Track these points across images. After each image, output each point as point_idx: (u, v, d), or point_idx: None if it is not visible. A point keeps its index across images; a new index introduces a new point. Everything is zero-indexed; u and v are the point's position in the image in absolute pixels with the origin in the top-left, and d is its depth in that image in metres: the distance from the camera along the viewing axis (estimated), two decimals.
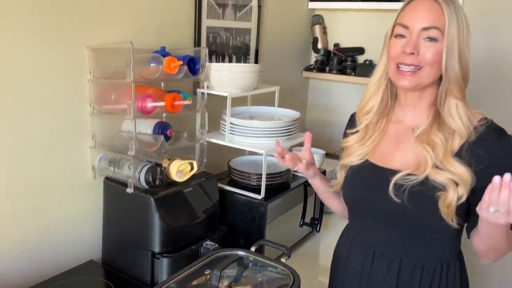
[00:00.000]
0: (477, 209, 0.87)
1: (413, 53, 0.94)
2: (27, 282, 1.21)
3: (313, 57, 2.33)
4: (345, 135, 1.16)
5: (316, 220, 1.67)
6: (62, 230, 1.31)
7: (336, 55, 2.22)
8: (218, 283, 0.96)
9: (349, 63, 2.18)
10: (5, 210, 1.17)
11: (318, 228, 1.66)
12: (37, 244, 1.26)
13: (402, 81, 0.97)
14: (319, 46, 2.27)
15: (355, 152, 1.09)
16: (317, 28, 2.27)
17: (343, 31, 2.26)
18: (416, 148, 0.99)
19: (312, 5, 2.23)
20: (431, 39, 0.94)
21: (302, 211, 1.64)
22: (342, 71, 2.20)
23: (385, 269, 1.05)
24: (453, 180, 0.93)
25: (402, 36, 0.97)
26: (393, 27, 1.00)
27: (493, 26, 1.85)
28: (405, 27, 0.96)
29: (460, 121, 0.96)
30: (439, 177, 0.94)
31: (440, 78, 0.98)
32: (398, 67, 0.97)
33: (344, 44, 2.24)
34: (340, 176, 1.13)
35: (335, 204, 1.24)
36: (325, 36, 2.29)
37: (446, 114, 0.97)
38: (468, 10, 1.89)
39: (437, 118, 0.99)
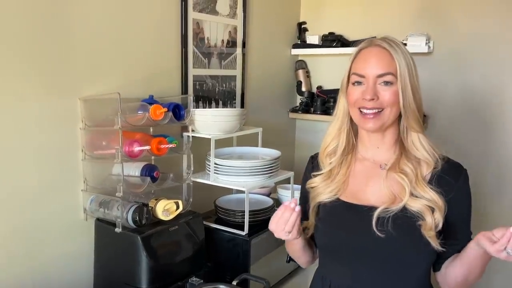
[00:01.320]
0: (494, 250, 0.88)
1: (373, 99, 1.01)
2: None
3: (298, 99, 2.46)
4: (307, 177, 1.17)
5: None
6: (55, 269, 1.37)
7: (319, 97, 2.35)
8: None
9: (331, 103, 2.30)
10: (2, 255, 1.24)
11: None
12: (31, 284, 1.32)
13: (367, 124, 1.03)
14: (303, 89, 2.40)
15: (325, 190, 1.10)
16: (301, 72, 2.41)
17: (325, 74, 2.40)
18: (389, 182, 1.04)
19: (294, 51, 2.39)
20: (387, 83, 1.01)
21: None
22: (325, 112, 2.31)
23: None
24: (429, 206, 0.99)
25: (359, 83, 1.04)
26: (349, 75, 1.07)
27: (462, 64, 1.99)
28: (361, 76, 1.03)
29: (424, 150, 1.04)
30: (416, 205, 1.00)
31: (399, 117, 1.07)
32: (361, 111, 1.04)
33: (326, 86, 2.38)
34: (312, 217, 1.13)
35: (308, 255, 1.20)
36: (309, 79, 2.43)
37: (411, 146, 1.05)
38: (439, 52, 2.05)
39: (403, 151, 1.07)
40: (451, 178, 1.03)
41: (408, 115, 1.04)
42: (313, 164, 1.20)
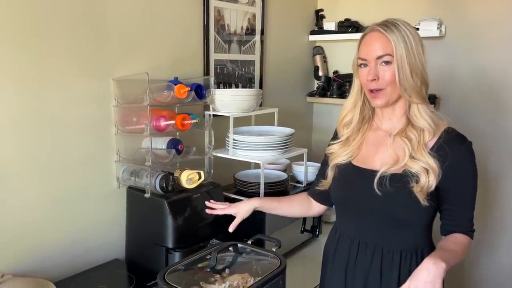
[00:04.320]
0: None
1: (374, 79, 1.15)
2: (63, 274, 1.45)
3: (316, 84, 2.57)
4: (329, 145, 1.36)
5: (315, 227, 1.86)
6: (92, 231, 1.55)
7: (335, 81, 2.45)
8: (215, 263, 1.17)
9: (347, 87, 2.40)
10: (46, 216, 1.43)
11: (317, 234, 1.85)
12: (71, 243, 1.50)
13: (375, 102, 1.19)
14: (320, 73, 2.51)
15: (342, 153, 1.28)
16: (318, 58, 2.52)
17: (341, 59, 2.50)
18: (395, 146, 1.18)
19: (312, 37, 2.50)
20: (387, 62, 1.14)
21: (303, 219, 1.83)
22: (341, 95, 2.42)
23: (370, 256, 1.22)
24: (425, 168, 1.12)
25: (365, 65, 1.18)
26: (357, 59, 1.21)
27: (475, 48, 2.05)
28: (364, 59, 1.17)
29: (423, 119, 1.16)
30: (414, 166, 1.13)
31: None
32: (370, 91, 1.19)
33: (343, 71, 2.48)
34: (330, 176, 1.31)
35: (297, 207, 1.45)
36: (325, 64, 2.54)
37: (413, 116, 1.18)
38: (452, 36, 2.11)
39: (410, 122, 1.20)
40: (449, 147, 1.14)
41: (406, 90, 1.15)
42: (334, 135, 1.37)
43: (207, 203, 1.47)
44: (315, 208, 1.45)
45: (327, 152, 1.35)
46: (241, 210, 1.41)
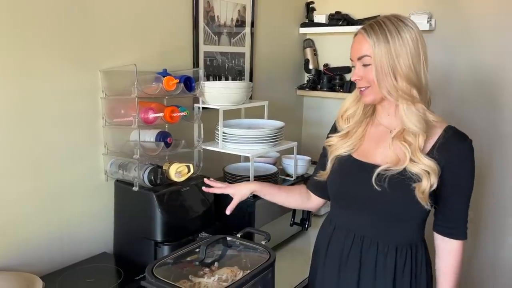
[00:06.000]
0: None
1: (358, 79, 1.17)
2: (50, 268, 1.44)
3: (306, 77, 2.56)
4: (328, 137, 1.35)
5: (305, 220, 1.86)
6: (79, 224, 1.53)
7: (326, 74, 2.45)
8: (204, 256, 1.16)
9: (337, 81, 2.41)
10: (32, 208, 1.41)
11: (306, 227, 1.85)
12: (59, 237, 1.48)
13: (363, 99, 1.21)
14: (311, 66, 2.51)
15: (343, 145, 1.27)
16: (308, 50, 2.51)
17: (332, 53, 2.49)
18: (395, 146, 1.17)
19: (302, 30, 2.48)
20: (365, 65, 1.15)
21: (292, 212, 1.83)
22: (332, 89, 2.42)
23: (364, 250, 1.22)
24: (426, 170, 1.12)
25: (353, 66, 1.20)
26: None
27: (466, 42, 2.06)
28: (351, 60, 1.20)
29: (409, 121, 1.13)
30: (415, 169, 1.12)
31: None
32: (360, 88, 1.20)
33: (333, 64, 2.48)
34: (328, 168, 1.30)
35: (295, 198, 1.43)
36: (316, 57, 2.53)
37: (402, 117, 1.15)
38: (442, 30, 2.11)
39: None
40: (450, 146, 1.13)
41: (388, 91, 1.13)
42: (334, 127, 1.35)
43: (205, 180, 1.44)
44: (314, 201, 1.43)
45: (325, 145, 1.34)
46: (240, 191, 1.39)
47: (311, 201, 1.44)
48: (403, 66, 1.11)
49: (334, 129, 1.35)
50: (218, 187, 1.42)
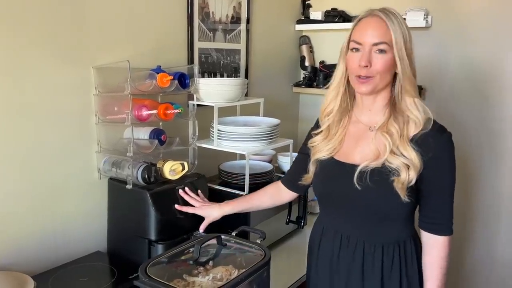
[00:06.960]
0: None
1: (366, 66, 1.12)
2: (42, 267, 1.42)
3: (302, 74, 2.54)
4: (310, 136, 1.34)
5: (300, 218, 1.85)
6: (73, 222, 1.51)
7: (322, 71, 2.43)
8: (199, 255, 1.15)
9: None
10: (25, 208, 1.39)
11: (302, 225, 1.84)
12: (51, 236, 1.46)
13: (361, 88, 1.16)
14: (307, 63, 2.49)
15: (323, 148, 1.26)
16: (304, 47, 2.49)
17: (328, 49, 2.48)
18: (376, 141, 1.16)
19: (298, 27, 2.47)
20: (381, 51, 1.11)
21: (288, 210, 1.81)
22: (328, 86, 2.40)
23: (352, 251, 1.22)
24: (406, 164, 1.11)
25: (357, 50, 1.14)
26: (348, 42, 1.17)
27: (462, 39, 2.05)
28: (359, 43, 1.13)
29: (418, 112, 1.14)
30: (395, 161, 1.11)
31: (390, 83, 1.17)
32: (358, 77, 1.15)
33: (329, 61, 2.46)
34: (311, 171, 1.30)
35: (266, 201, 1.49)
36: (312, 54, 2.51)
37: (405, 109, 1.15)
38: (438, 27, 2.10)
39: (393, 113, 1.17)
40: (432, 139, 1.12)
41: (404, 80, 1.13)
42: (316, 125, 1.35)
43: (180, 192, 1.48)
44: (286, 196, 1.48)
45: (309, 145, 1.32)
46: (211, 215, 1.47)
47: (283, 197, 1.49)
48: (413, 57, 1.14)
49: (316, 126, 1.34)
50: (191, 206, 1.47)
